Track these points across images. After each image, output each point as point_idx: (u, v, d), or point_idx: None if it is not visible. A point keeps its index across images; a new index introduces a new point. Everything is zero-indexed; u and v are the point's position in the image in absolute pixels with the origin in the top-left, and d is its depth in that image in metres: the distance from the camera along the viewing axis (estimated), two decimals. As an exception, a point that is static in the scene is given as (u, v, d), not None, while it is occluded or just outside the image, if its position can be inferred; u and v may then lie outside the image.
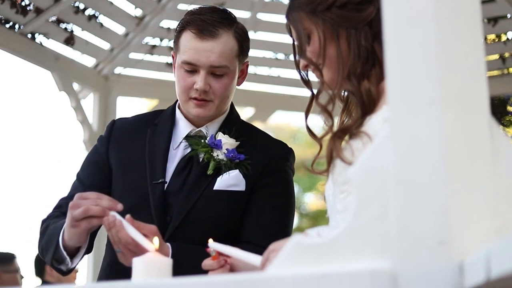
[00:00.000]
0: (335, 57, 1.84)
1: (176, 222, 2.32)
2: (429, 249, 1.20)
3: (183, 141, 2.43)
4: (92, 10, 5.32)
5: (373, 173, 1.29)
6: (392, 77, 1.29)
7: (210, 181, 2.36)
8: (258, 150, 2.43)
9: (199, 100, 2.38)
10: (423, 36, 1.27)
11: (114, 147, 2.48)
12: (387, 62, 1.30)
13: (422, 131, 1.24)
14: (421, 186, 1.22)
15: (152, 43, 5.84)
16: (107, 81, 5.99)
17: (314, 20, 1.87)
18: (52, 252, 2.28)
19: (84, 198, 2.14)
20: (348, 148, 1.75)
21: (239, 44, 2.42)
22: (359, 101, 1.79)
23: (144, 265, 1.78)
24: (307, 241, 1.32)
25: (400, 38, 1.29)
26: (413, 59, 1.27)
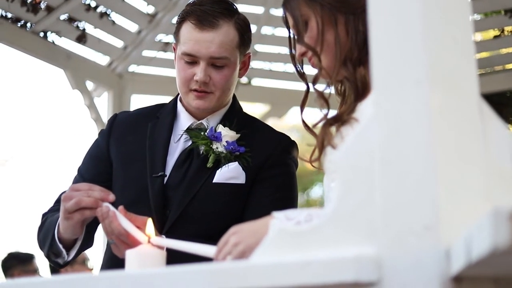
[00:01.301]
0: (332, 43, 1.81)
1: (175, 216, 2.29)
2: (415, 235, 1.15)
3: (184, 133, 2.39)
4: (103, 7, 5.31)
5: (358, 157, 1.25)
6: (377, 55, 1.25)
7: (209, 174, 2.33)
8: (260, 142, 2.39)
9: (199, 92, 2.34)
10: (409, 12, 1.22)
11: (114, 141, 2.45)
12: (371, 39, 1.26)
13: (409, 111, 1.19)
14: (407, 170, 1.18)
15: (165, 40, 5.82)
16: (121, 79, 5.97)
17: (312, 6, 1.84)
18: (48, 245, 2.26)
19: (76, 190, 2.12)
20: (339, 135, 1.71)
21: (240, 35, 2.38)
22: (353, 86, 1.76)
23: (137, 257, 1.76)
24: (290, 228, 1.28)
25: (385, 13, 1.25)
26: (399, 36, 1.23)
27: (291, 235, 1.27)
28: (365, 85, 1.74)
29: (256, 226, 1.67)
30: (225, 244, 1.68)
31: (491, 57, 6.16)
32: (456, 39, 1.23)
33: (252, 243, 1.62)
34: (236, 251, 1.64)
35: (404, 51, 1.22)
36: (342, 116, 1.74)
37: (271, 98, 6.46)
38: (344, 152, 1.27)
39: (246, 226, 1.70)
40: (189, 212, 2.30)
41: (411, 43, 1.21)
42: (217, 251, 1.71)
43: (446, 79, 1.20)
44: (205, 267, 1.31)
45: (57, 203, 2.43)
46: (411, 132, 1.19)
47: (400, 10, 1.23)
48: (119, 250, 2.08)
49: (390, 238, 1.17)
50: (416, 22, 1.21)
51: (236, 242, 1.66)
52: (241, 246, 1.64)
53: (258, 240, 1.59)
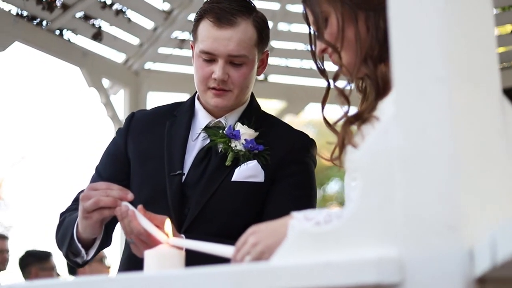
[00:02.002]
0: (353, 40, 1.78)
1: (194, 214, 2.28)
2: (438, 235, 1.14)
3: (202, 132, 2.38)
4: (119, 5, 5.30)
5: (379, 156, 1.23)
6: (397, 52, 1.23)
7: (228, 173, 2.31)
8: (278, 140, 2.37)
9: (218, 90, 2.33)
10: (429, 9, 1.20)
11: (132, 139, 2.44)
12: (391, 36, 1.24)
13: (430, 109, 1.17)
14: (429, 168, 1.16)
15: (181, 37, 5.81)
16: (137, 77, 5.97)
17: (332, 3, 1.81)
18: (67, 244, 2.25)
19: (94, 189, 2.10)
20: (359, 134, 1.70)
21: (258, 33, 2.36)
22: (373, 84, 1.73)
23: (156, 257, 1.75)
24: (311, 229, 1.27)
25: (405, 10, 1.23)
26: (419, 33, 1.21)
27: (312, 236, 1.25)
28: (386, 82, 1.72)
29: (275, 226, 1.65)
30: (244, 244, 1.67)
31: (509, 51, 6.11)
32: (477, 35, 1.21)
33: (271, 243, 1.61)
34: (255, 251, 1.63)
35: (425, 48, 1.20)
36: (363, 114, 1.71)
37: (287, 95, 6.44)
38: (365, 152, 1.25)
39: (265, 226, 1.68)
40: (208, 211, 2.28)
41: (432, 40, 1.19)
42: (235, 251, 1.69)
43: (468, 76, 1.18)
44: (225, 268, 1.30)
45: (75, 202, 2.42)
46: (432, 131, 1.17)
47: (420, 6, 1.21)
48: (138, 249, 2.07)
49: (412, 238, 1.16)
50: (437, 18, 1.19)
51: (255, 242, 1.64)
52: (260, 246, 1.62)
53: (277, 240, 1.58)
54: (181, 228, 2.24)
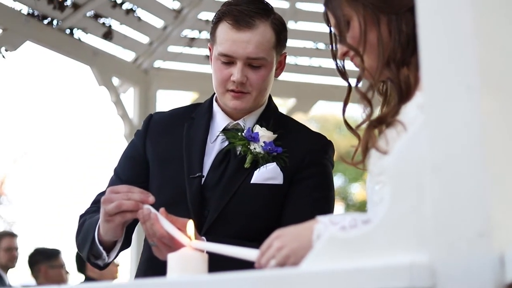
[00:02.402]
0: (375, 43, 1.79)
1: (213, 216, 2.29)
2: (468, 241, 1.14)
3: (220, 134, 2.39)
4: (129, 4, 5.32)
5: (409, 163, 1.24)
6: (427, 61, 1.24)
7: (247, 175, 2.32)
8: (296, 142, 2.38)
9: (236, 92, 2.33)
10: (459, 17, 1.21)
11: (151, 142, 2.45)
12: (421, 44, 1.25)
13: (460, 117, 1.18)
14: (459, 175, 1.17)
15: (190, 36, 5.83)
16: (146, 75, 5.99)
17: (355, 6, 1.82)
18: (88, 247, 2.26)
19: (116, 192, 2.11)
20: (383, 138, 1.70)
21: (276, 35, 2.37)
22: (397, 88, 1.74)
23: (179, 260, 1.75)
24: (341, 235, 1.28)
25: (435, 18, 1.24)
26: (449, 41, 1.21)
27: (342, 242, 1.26)
28: (408, 86, 1.73)
29: (300, 230, 1.66)
30: (269, 248, 1.67)
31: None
32: (508, 43, 1.22)
33: (296, 247, 1.61)
34: (280, 255, 1.63)
35: (455, 56, 1.20)
36: (386, 118, 1.72)
37: (296, 92, 6.47)
38: (394, 158, 1.26)
39: (290, 230, 1.69)
40: (227, 213, 2.29)
41: (462, 48, 1.20)
42: (259, 254, 1.69)
43: (497, 84, 1.19)
44: (255, 274, 1.32)
45: (94, 204, 2.43)
46: (462, 138, 1.18)
47: (450, 14, 1.22)
48: (160, 252, 2.08)
49: (442, 245, 1.17)
50: (467, 26, 1.20)
51: (280, 246, 1.64)
52: (285, 250, 1.63)
53: (302, 244, 1.59)
54: (201, 230, 2.25)
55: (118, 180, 2.44)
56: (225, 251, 1.85)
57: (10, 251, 6.77)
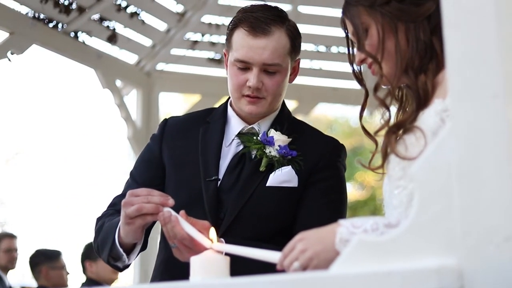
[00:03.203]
0: (393, 51, 1.84)
1: (230, 219, 2.33)
2: (495, 245, 1.19)
3: (235, 138, 2.44)
4: (134, 7, 5.36)
5: (436, 169, 1.28)
6: (454, 70, 1.28)
7: (262, 178, 2.36)
8: (310, 146, 2.42)
9: (252, 98, 2.38)
10: (485, 28, 1.25)
11: (167, 145, 2.49)
12: (447, 55, 1.29)
13: (486, 125, 1.22)
14: (486, 181, 1.21)
15: (193, 39, 5.87)
16: (149, 78, 6.02)
17: (373, 14, 1.87)
18: (108, 249, 2.30)
19: (136, 195, 2.15)
20: (402, 143, 1.75)
21: (291, 42, 2.41)
22: (415, 95, 1.78)
23: (202, 263, 1.79)
24: (370, 239, 1.32)
25: (462, 30, 1.28)
26: (475, 52, 1.25)
27: (371, 246, 1.31)
28: (426, 93, 1.77)
29: (323, 233, 1.70)
30: (292, 250, 1.71)
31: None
32: (531, 53, 1.26)
33: (319, 250, 1.65)
34: (304, 257, 1.67)
35: (481, 65, 1.24)
36: (404, 124, 1.77)
37: (298, 95, 6.50)
38: (422, 164, 1.30)
39: (313, 232, 1.73)
40: (244, 215, 2.34)
41: (487, 57, 1.24)
42: (282, 256, 1.73)
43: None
44: (285, 277, 1.36)
45: (111, 207, 2.47)
46: (488, 146, 1.22)
47: (476, 24, 1.26)
48: (181, 253, 2.12)
49: (470, 249, 1.21)
50: (492, 36, 1.24)
51: (303, 248, 1.68)
52: (308, 252, 1.67)
53: (325, 247, 1.63)
54: (218, 232, 2.28)
55: (134, 183, 2.49)
56: (246, 253, 1.89)
57: (10, 252, 6.79)
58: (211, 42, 5.91)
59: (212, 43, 5.92)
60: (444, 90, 1.72)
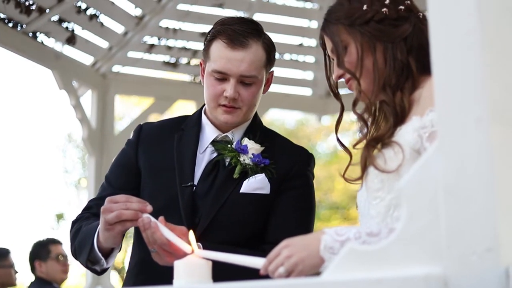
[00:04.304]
0: (371, 69, 1.94)
1: (205, 224, 2.41)
2: (478, 255, 1.29)
3: (210, 145, 2.51)
4: (93, 9, 5.38)
5: (423, 185, 1.38)
6: (440, 93, 1.38)
7: (236, 184, 2.45)
8: (281, 155, 2.52)
9: (228, 107, 2.46)
10: (470, 54, 1.35)
11: (142, 151, 2.56)
12: (435, 78, 1.39)
13: (470, 146, 1.33)
14: (470, 197, 1.31)
15: (150, 42, 5.90)
16: (104, 79, 6.03)
17: (352, 33, 1.97)
18: (86, 253, 2.35)
19: (115, 202, 2.22)
20: (381, 157, 1.85)
21: (267, 54, 2.50)
22: (392, 111, 1.89)
23: (185, 267, 1.86)
24: (360, 248, 1.41)
25: (448, 55, 1.38)
26: (461, 76, 1.36)
27: (361, 254, 1.40)
28: (403, 109, 1.88)
29: (308, 240, 1.78)
30: (277, 256, 1.79)
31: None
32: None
33: (304, 256, 1.74)
34: (289, 263, 1.75)
35: (466, 89, 1.35)
36: (382, 139, 1.87)
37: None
38: (410, 180, 1.40)
39: (298, 239, 1.81)
40: (218, 220, 2.42)
41: (472, 82, 1.34)
42: (267, 262, 1.81)
43: (506, 116, 1.34)
44: (277, 283, 1.44)
45: (87, 211, 2.53)
46: (472, 164, 1.32)
47: (461, 50, 1.36)
48: (160, 258, 2.20)
49: (454, 259, 1.31)
50: (477, 62, 1.34)
51: (288, 254, 1.76)
52: (294, 258, 1.75)
53: (310, 254, 1.73)
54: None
55: (109, 187, 2.55)
56: (228, 259, 1.96)
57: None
58: (168, 46, 5.96)
59: (169, 47, 5.97)
60: (421, 108, 1.83)
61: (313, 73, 6.68)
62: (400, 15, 1.97)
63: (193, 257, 1.94)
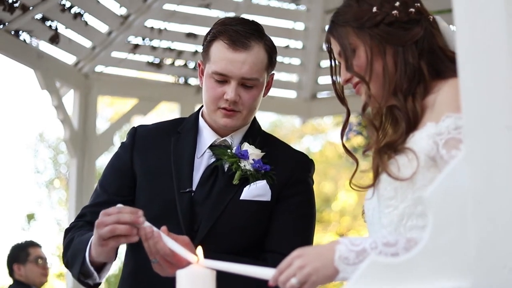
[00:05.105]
0: (381, 73, 1.88)
1: (204, 231, 2.34)
2: (509, 269, 1.24)
3: (208, 150, 2.44)
4: (78, 8, 5.28)
5: (450, 195, 1.33)
6: (468, 101, 1.33)
7: (236, 191, 2.38)
8: (282, 161, 2.45)
9: (228, 111, 2.39)
10: (498, 61, 1.30)
11: (138, 155, 2.48)
12: (461, 85, 1.34)
13: (499, 155, 1.28)
14: (500, 208, 1.27)
15: (135, 42, 5.82)
16: (87, 79, 5.94)
17: (361, 36, 1.91)
18: (78, 267, 2.26)
19: (108, 215, 2.11)
20: (395, 164, 1.79)
21: (268, 57, 2.43)
22: (404, 117, 1.83)
23: (189, 277, 1.79)
24: (383, 260, 1.36)
25: (475, 62, 1.33)
26: (488, 84, 1.31)
27: (384, 267, 1.35)
28: (416, 115, 1.82)
29: (322, 250, 1.72)
30: (288, 266, 1.73)
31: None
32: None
33: (318, 266, 1.68)
34: (302, 273, 1.69)
35: (494, 97, 1.30)
36: (395, 145, 1.81)
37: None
38: (435, 190, 1.35)
39: (311, 249, 1.75)
40: (218, 228, 2.35)
41: (501, 89, 1.30)
42: (277, 272, 1.75)
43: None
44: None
45: (80, 218, 2.44)
46: (501, 175, 1.27)
47: (488, 58, 1.31)
48: (162, 269, 2.12)
49: (484, 273, 1.26)
50: (504, 70, 1.30)
51: (301, 265, 1.70)
52: (307, 269, 1.69)
53: (324, 264, 1.66)
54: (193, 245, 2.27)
55: (104, 193, 2.46)
56: (236, 269, 1.89)
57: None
58: (152, 46, 5.88)
59: (153, 47, 5.89)
60: (436, 113, 1.77)
61: (298, 75, 6.62)
62: (411, 18, 1.91)
63: (196, 266, 1.87)
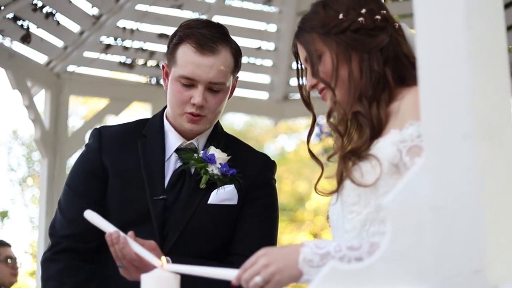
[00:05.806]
0: (346, 79, 1.90)
1: (174, 236, 2.34)
2: (465, 277, 1.26)
3: (174, 154, 2.44)
4: (50, 8, 5.26)
5: (409, 202, 1.35)
6: (427, 108, 1.35)
7: (203, 195, 2.38)
8: (245, 163, 2.46)
9: (195, 116, 2.38)
10: (457, 71, 1.32)
11: (107, 158, 2.45)
12: (420, 92, 1.36)
13: (457, 164, 1.30)
14: (457, 215, 1.29)
15: (107, 42, 5.81)
16: (59, 79, 5.91)
17: (327, 42, 1.92)
18: None
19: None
20: (358, 170, 1.81)
21: (235, 60, 2.44)
22: (369, 124, 1.85)
23: (153, 281, 1.81)
24: (343, 266, 1.37)
25: (434, 72, 1.35)
26: (448, 94, 1.33)
27: (343, 273, 1.36)
28: (380, 122, 1.84)
29: (287, 250, 1.73)
30: (253, 265, 1.74)
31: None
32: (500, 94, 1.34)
33: (282, 266, 1.70)
34: (266, 272, 1.70)
35: (452, 106, 1.32)
36: (359, 152, 1.83)
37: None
38: (395, 196, 1.37)
39: (277, 249, 1.77)
40: (187, 232, 2.36)
41: (459, 98, 1.31)
42: (241, 270, 1.75)
43: (492, 133, 1.31)
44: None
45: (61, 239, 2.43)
46: (459, 182, 1.29)
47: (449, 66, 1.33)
48: (129, 273, 2.13)
49: (441, 279, 1.28)
50: (464, 78, 1.31)
51: (266, 263, 1.71)
52: (271, 267, 1.70)
53: (289, 264, 1.68)
54: (162, 250, 2.26)
55: (80, 198, 2.43)
56: (199, 272, 1.91)
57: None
58: (124, 46, 5.86)
59: (125, 47, 5.88)
60: (399, 121, 1.79)
61: (270, 77, 6.63)
62: (377, 25, 1.93)
63: (161, 270, 1.89)
